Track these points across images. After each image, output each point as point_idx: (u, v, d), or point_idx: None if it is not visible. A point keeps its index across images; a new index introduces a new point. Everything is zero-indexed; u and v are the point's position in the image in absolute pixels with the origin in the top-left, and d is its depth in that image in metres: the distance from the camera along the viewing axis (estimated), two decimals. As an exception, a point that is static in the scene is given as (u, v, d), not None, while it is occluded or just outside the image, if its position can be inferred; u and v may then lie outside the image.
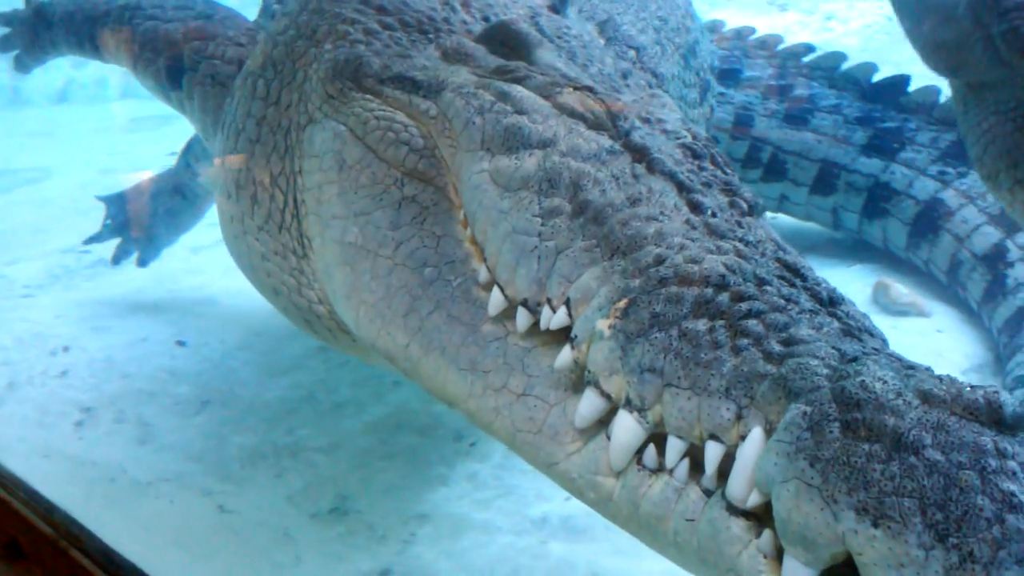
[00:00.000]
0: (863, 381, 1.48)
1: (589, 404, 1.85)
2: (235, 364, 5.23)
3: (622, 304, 1.81)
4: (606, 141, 2.25)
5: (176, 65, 4.04)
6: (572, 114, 2.33)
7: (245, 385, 5.03)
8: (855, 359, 1.57)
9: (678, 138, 2.34)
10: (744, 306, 1.72)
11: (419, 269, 2.31)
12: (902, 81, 6.45)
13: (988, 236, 5.70)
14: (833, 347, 1.61)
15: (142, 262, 6.11)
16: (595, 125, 2.30)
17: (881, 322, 4.88)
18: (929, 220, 6.03)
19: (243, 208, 3.09)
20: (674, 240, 1.92)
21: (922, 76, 6.45)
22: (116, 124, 8.64)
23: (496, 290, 2.12)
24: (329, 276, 2.66)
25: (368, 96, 2.61)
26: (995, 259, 5.63)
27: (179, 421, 4.72)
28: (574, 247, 2.00)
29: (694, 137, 2.36)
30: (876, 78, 6.52)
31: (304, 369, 5.15)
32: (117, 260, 6.13)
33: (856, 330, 1.74)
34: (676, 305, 1.76)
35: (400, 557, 3.83)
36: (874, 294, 5.98)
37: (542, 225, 2.07)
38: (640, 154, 2.20)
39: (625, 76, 2.84)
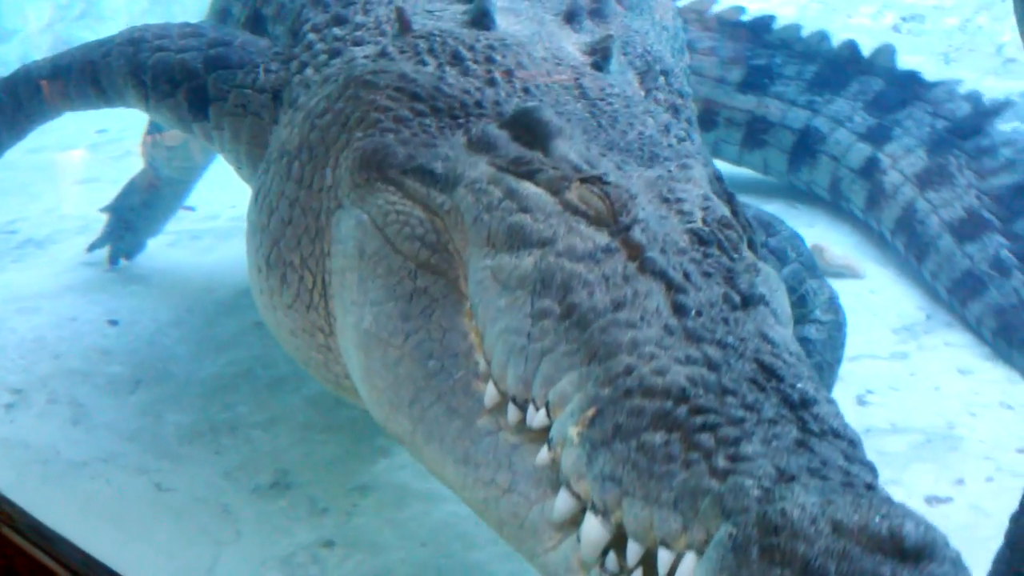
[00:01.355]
0: (783, 508, 1.60)
1: (563, 503, 1.98)
2: (169, 342, 5.13)
3: (590, 413, 1.94)
4: (603, 239, 2.33)
5: (198, 96, 3.93)
6: (576, 211, 2.40)
7: (180, 363, 4.94)
8: (791, 478, 1.69)
9: (690, 221, 2.41)
10: (699, 420, 1.83)
11: (424, 361, 2.44)
12: (767, 20, 6.86)
13: (861, 151, 6.41)
14: (774, 465, 1.72)
15: (128, 254, 5.97)
16: (597, 221, 2.38)
17: (816, 283, 4.92)
18: (806, 146, 6.63)
19: (272, 286, 3.15)
20: (646, 349, 2.02)
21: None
22: (41, 102, 8.43)
23: (491, 384, 2.26)
24: (348, 356, 2.80)
25: (391, 188, 2.70)
26: (871, 170, 6.35)
27: (113, 401, 4.64)
28: (557, 351, 2.12)
29: (705, 222, 2.42)
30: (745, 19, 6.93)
31: (241, 345, 5.09)
32: (115, 260, 5.95)
33: (818, 434, 1.84)
34: (637, 418, 1.88)
35: (343, 528, 3.82)
36: (809, 258, 6.06)
37: (532, 326, 2.20)
38: (635, 251, 2.28)
39: (668, 129, 2.95)
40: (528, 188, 2.49)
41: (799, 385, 1.96)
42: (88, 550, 3.23)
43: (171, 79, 3.99)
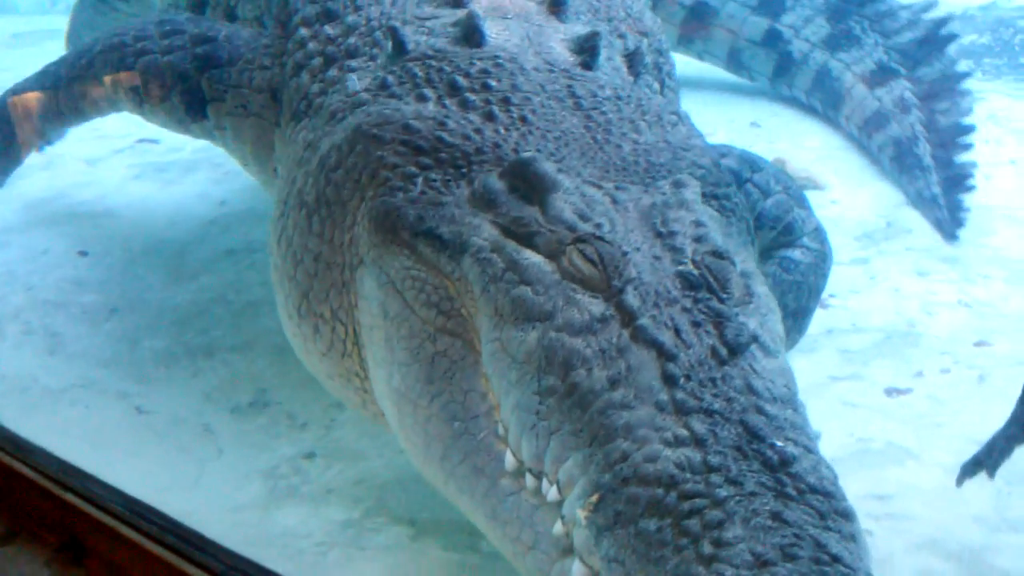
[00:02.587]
0: None
1: (578, 572, 2.25)
2: (141, 271, 5.17)
3: (594, 499, 2.20)
4: (599, 308, 2.52)
5: (194, 96, 3.94)
6: (573, 278, 2.59)
7: (153, 290, 4.99)
8: (765, 563, 1.95)
9: (681, 262, 2.60)
10: (686, 506, 2.08)
11: (450, 422, 2.68)
12: None
13: (758, 24, 7.06)
14: (751, 551, 1.98)
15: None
16: (592, 286, 2.56)
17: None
18: (697, 21, 7.14)
19: (305, 333, 3.28)
20: (639, 433, 2.25)
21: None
22: (-5, 41, 8.36)
23: (509, 453, 2.51)
24: (382, 406, 3.04)
25: (405, 251, 2.87)
26: (774, 40, 7.01)
27: (88, 329, 4.68)
28: (563, 430, 2.37)
29: (695, 262, 2.61)
30: None
31: (213, 272, 5.13)
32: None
33: (795, 498, 2.10)
34: (633, 505, 2.12)
35: (323, 441, 3.92)
36: (771, 171, 6.16)
37: (540, 404, 2.44)
38: (628, 317, 2.47)
39: (660, 118, 3.16)
40: (528, 258, 2.67)
41: (779, 444, 2.20)
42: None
43: (162, 82, 4.00)
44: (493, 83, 3.15)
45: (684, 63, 7.70)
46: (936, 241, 5.44)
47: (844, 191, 6.01)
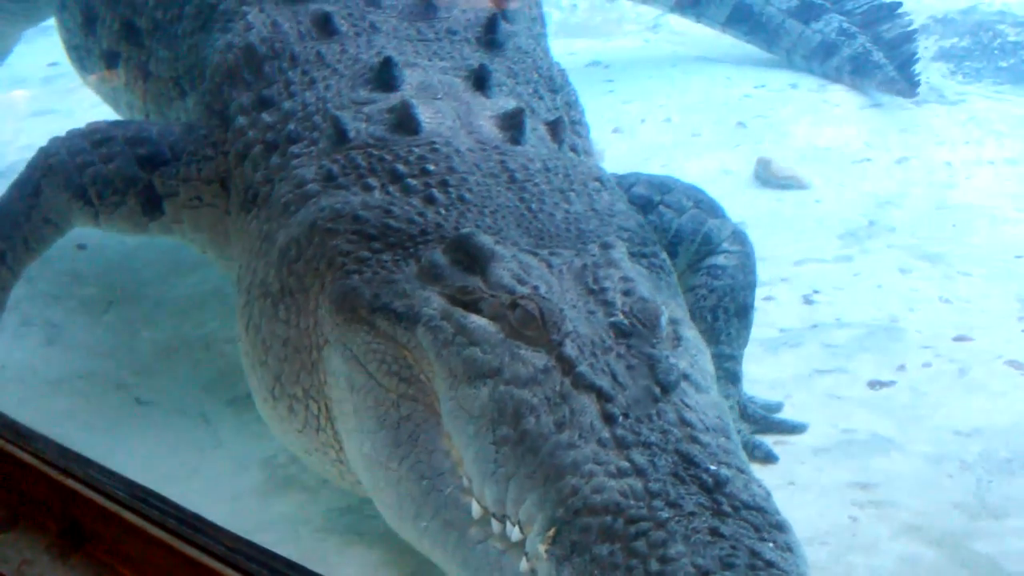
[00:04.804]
0: None
1: None
2: (138, 264, 5.24)
3: (551, 533, 2.40)
4: (541, 360, 2.75)
5: (149, 195, 4.06)
6: (517, 336, 2.81)
7: (150, 284, 5.06)
8: (707, 574, 2.17)
9: (612, 314, 2.84)
10: (633, 529, 2.29)
11: (419, 481, 2.87)
12: None
13: None
14: (693, 564, 2.19)
15: None
16: (534, 341, 2.79)
17: (765, 197, 5.23)
18: None
19: (281, 414, 3.42)
20: (585, 468, 2.47)
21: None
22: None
23: (475, 502, 2.71)
24: (357, 473, 3.22)
25: (365, 327, 3.07)
26: None
27: (87, 320, 4.75)
28: (520, 474, 2.57)
29: (624, 312, 2.85)
30: None
31: (208, 266, 5.13)
32: None
33: (730, 514, 2.32)
34: (586, 534, 2.34)
35: (319, 431, 3.97)
36: (756, 170, 6.29)
37: (496, 453, 2.64)
38: (568, 366, 2.70)
39: (586, 185, 3.41)
40: (474, 321, 2.88)
41: (712, 468, 2.42)
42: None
43: (115, 189, 4.09)
44: (431, 167, 3.33)
45: (668, 64, 7.87)
46: (918, 239, 5.57)
47: (828, 190, 6.13)
